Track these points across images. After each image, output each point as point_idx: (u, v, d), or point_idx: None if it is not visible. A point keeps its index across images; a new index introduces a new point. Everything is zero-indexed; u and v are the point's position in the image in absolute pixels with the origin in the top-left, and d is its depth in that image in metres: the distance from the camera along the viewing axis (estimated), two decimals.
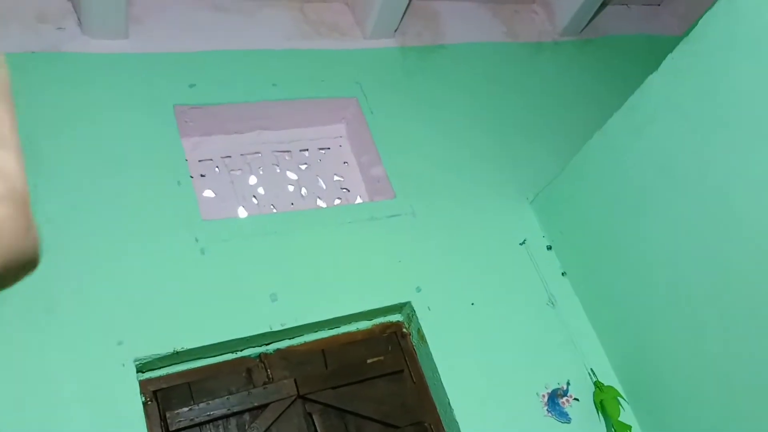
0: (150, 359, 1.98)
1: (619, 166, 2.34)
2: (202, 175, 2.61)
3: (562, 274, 2.66)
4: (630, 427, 2.32)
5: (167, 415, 1.98)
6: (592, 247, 2.54)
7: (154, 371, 2.05)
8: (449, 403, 2.23)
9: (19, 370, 1.81)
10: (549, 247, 2.70)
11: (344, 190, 2.80)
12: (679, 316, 2.25)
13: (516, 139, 2.99)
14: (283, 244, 2.33)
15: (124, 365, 1.93)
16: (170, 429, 1.97)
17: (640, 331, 2.39)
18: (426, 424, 2.27)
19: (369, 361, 2.31)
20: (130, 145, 2.29)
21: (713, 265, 2.10)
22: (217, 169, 2.65)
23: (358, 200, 2.78)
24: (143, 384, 2.01)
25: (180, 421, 1.99)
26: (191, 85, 2.50)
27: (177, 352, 2.00)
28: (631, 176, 2.31)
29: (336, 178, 2.82)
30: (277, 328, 2.15)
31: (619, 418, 2.32)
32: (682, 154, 2.12)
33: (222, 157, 2.68)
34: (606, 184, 2.42)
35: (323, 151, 2.86)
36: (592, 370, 2.44)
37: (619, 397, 2.39)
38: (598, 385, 2.40)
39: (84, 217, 2.09)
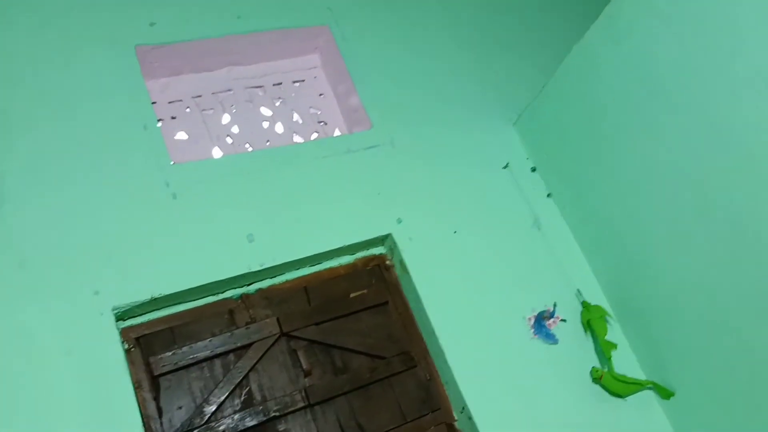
0: (128, 307, 1.98)
1: (600, 80, 2.24)
2: (173, 117, 2.54)
3: (548, 195, 2.60)
4: (616, 345, 2.32)
5: (151, 360, 2.00)
6: (578, 166, 2.47)
7: (135, 318, 2.05)
8: (434, 331, 2.22)
9: None
10: (533, 169, 2.63)
11: (322, 124, 2.73)
12: (666, 232, 2.20)
13: (499, 57, 2.87)
14: (258, 183, 2.28)
15: (102, 314, 1.93)
16: (155, 374, 1.99)
17: (627, 249, 2.35)
18: (413, 354, 2.28)
19: (352, 295, 2.30)
20: (92, 91, 2.22)
21: (699, 179, 2.03)
22: (188, 109, 2.58)
23: (337, 132, 2.71)
24: (125, 331, 2.02)
25: (164, 365, 2.00)
26: (151, 24, 2.40)
27: (155, 299, 2.00)
28: (613, 90, 2.21)
29: (312, 111, 2.74)
30: (255, 268, 2.14)
31: (606, 337, 2.32)
32: (664, 63, 2.02)
33: (193, 97, 2.61)
34: (588, 101, 2.32)
35: (297, 84, 2.77)
36: (579, 290, 2.42)
37: (606, 316, 2.37)
38: (585, 305, 2.38)
39: (48, 169, 2.05)
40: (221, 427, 1.97)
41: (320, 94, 2.77)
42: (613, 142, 2.29)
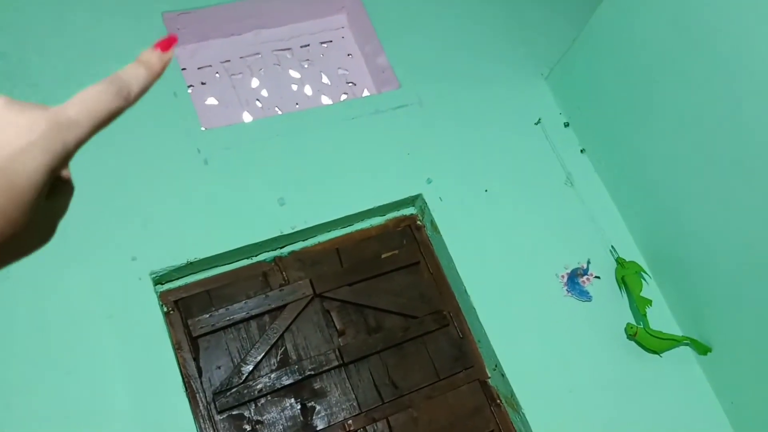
0: (165, 271, 2.03)
1: (635, 29, 2.16)
2: (202, 83, 2.56)
3: (581, 151, 2.55)
4: (651, 302, 2.29)
5: (189, 322, 2.06)
6: (612, 120, 2.40)
7: (173, 282, 2.11)
8: (466, 290, 2.23)
9: (41, 294, 1.89)
10: (566, 124, 2.58)
11: (350, 84, 2.71)
12: (703, 184, 2.14)
13: (528, 9, 2.79)
14: (288, 146, 2.29)
15: (140, 279, 2.00)
16: (193, 335, 2.05)
17: (664, 203, 2.30)
18: (445, 313, 2.30)
19: (384, 255, 2.32)
20: (121, 60, 2.22)
21: (738, 129, 1.96)
22: (217, 74, 2.59)
23: (366, 93, 2.69)
24: (163, 295, 2.08)
25: (202, 327, 2.07)
26: None
27: (191, 263, 2.05)
28: (647, 40, 2.13)
29: (341, 71, 2.72)
30: (287, 231, 2.17)
31: (641, 293, 2.29)
32: (701, 9, 1.93)
33: (221, 62, 2.62)
34: (622, 51, 2.25)
35: (325, 45, 2.75)
36: (613, 247, 2.39)
37: (641, 272, 2.34)
38: (619, 261, 2.35)
39: None
40: (259, 386, 2.03)
41: (348, 55, 2.75)
42: (648, 94, 2.22)
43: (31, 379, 1.80)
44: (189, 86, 2.47)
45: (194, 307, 2.10)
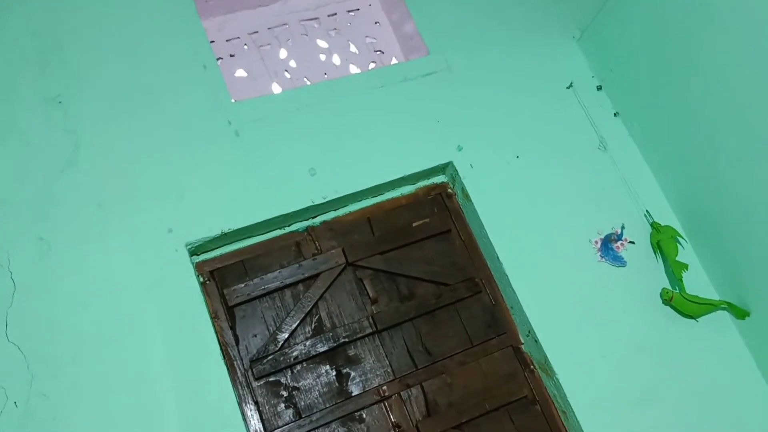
0: (201, 242, 2.07)
1: None
2: (231, 55, 2.57)
3: (615, 114, 2.50)
4: (687, 266, 2.25)
5: (225, 292, 2.10)
6: (646, 82, 2.35)
7: (208, 253, 2.15)
8: (498, 257, 2.23)
9: (81, 268, 1.94)
10: (599, 88, 2.53)
11: (378, 53, 2.69)
12: (739, 146, 2.09)
13: None
14: (318, 116, 2.30)
15: (177, 250, 2.03)
16: (229, 304, 2.09)
17: (699, 166, 2.25)
18: (477, 280, 2.30)
19: (415, 224, 2.32)
20: (151, 36, 2.26)
21: None
22: (245, 46, 2.60)
23: (394, 61, 2.67)
24: (199, 266, 2.12)
25: (238, 296, 2.10)
26: None
27: (225, 234, 2.08)
28: None
29: (369, 40, 2.71)
30: (319, 201, 2.18)
31: (677, 258, 2.25)
32: None
33: (249, 34, 2.62)
34: (656, 10, 2.19)
35: (352, 14, 2.73)
36: (647, 211, 2.35)
37: (677, 236, 2.31)
38: (654, 225, 2.32)
39: (116, 114, 2.13)
40: (294, 353, 2.07)
41: (376, 23, 2.73)
42: (683, 54, 2.16)
43: (74, 350, 1.85)
44: (218, 59, 2.48)
45: (229, 277, 2.14)
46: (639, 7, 2.23)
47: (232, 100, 2.27)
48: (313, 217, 2.26)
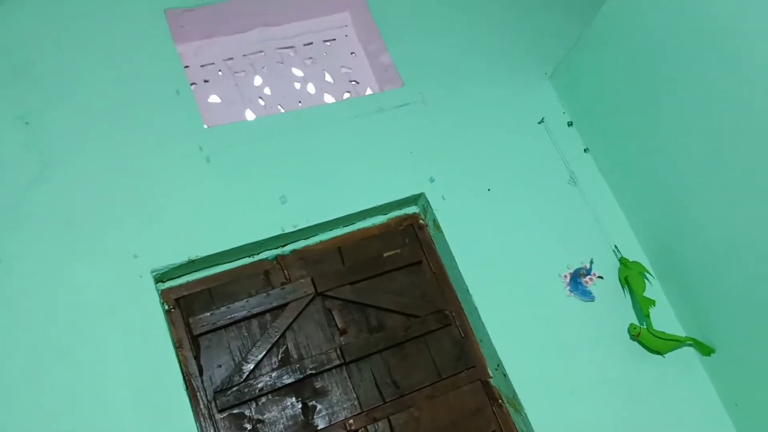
0: (167, 269, 2.03)
1: (640, 27, 2.15)
2: (205, 81, 2.56)
3: (585, 150, 2.54)
4: (654, 302, 2.27)
5: (190, 320, 2.06)
6: (617, 119, 2.39)
7: (175, 280, 2.11)
8: (468, 290, 2.22)
9: (43, 290, 1.89)
10: (570, 124, 2.57)
11: (353, 83, 2.70)
12: (709, 186, 2.12)
13: (532, 7, 2.78)
14: (291, 144, 2.29)
15: (141, 276, 1.99)
16: (194, 333, 2.05)
17: (667, 203, 2.29)
18: (447, 312, 2.29)
19: (386, 254, 2.31)
20: (124, 58, 2.24)
21: (745, 130, 1.94)
22: (220, 72, 2.59)
23: (369, 91, 2.69)
24: (165, 293, 2.08)
25: (203, 325, 2.06)
26: None
27: (192, 261, 2.05)
28: (654, 38, 2.12)
29: (344, 70, 2.72)
30: (289, 229, 2.16)
31: (644, 294, 2.28)
32: (709, 6, 1.91)
33: (224, 60, 2.61)
34: (626, 50, 2.24)
35: (328, 43, 2.74)
36: (616, 246, 2.38)
37: (644, 272, 2.33)
38: (623, 261, 2.34)
39: (87, 135, 2.10)
40: (260, 385, 2.02)
41: (351, 53, 2.74)
42: (652, 93, 2.21)
43: (33, 374, 1.79)
44: (192, 84, 2.46)
45: (195, 305, 2.09)
46: (610, 46, 2.28)
47: (205, 126, 2.25)
48: (283, 246, 2.24)
